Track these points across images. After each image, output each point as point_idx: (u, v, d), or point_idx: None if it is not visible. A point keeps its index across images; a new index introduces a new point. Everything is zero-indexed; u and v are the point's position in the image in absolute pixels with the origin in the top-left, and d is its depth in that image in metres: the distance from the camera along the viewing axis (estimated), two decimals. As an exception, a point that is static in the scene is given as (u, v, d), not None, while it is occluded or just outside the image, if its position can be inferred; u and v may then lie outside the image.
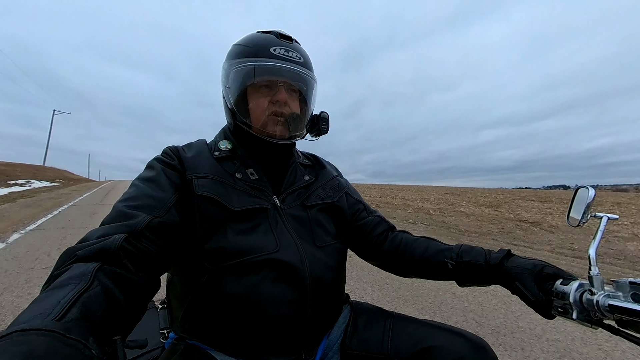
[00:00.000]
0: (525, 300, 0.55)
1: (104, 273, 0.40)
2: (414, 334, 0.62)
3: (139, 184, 0.59)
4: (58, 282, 0.36)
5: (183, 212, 0.57)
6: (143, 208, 0.53)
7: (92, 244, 0.44)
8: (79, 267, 0.39)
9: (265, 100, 0.64)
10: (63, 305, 0.31)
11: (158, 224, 0.52)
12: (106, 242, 0.44)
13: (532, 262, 0.57)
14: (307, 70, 0.68)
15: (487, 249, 0.65)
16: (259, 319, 0.55)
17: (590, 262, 0.49)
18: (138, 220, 0.50)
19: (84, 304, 0.33)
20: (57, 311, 0.30)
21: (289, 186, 0.69)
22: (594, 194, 0.55)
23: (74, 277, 0.37)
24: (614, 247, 4.65)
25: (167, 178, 0.60)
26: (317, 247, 0.64)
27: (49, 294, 0.34)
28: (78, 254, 0.42)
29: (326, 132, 0.75)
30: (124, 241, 0.45)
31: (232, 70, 0.65)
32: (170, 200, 0.56)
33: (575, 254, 4.22)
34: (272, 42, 0.65)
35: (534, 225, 6.33)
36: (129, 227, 0.49)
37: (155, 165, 0.62)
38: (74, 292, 0.34)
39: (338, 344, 0.66)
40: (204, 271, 0.56)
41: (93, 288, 0.36)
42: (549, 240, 5.14)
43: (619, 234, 5.44)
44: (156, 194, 0.56)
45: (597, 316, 0.46)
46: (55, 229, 4.64)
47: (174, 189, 0.58)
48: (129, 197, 0.55)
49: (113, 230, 0.48)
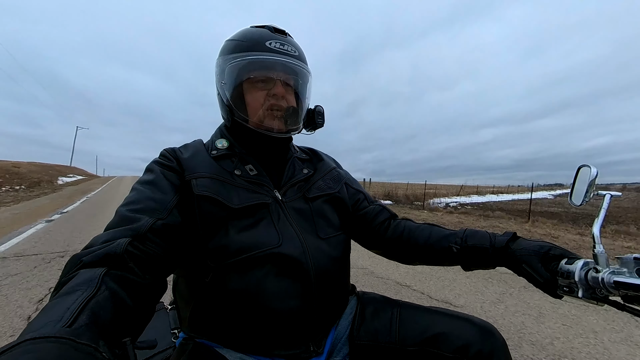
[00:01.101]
0: (533, 282, 0.55)
1: (110, 278, 0.40)
2: (421, 321, 0.63)
3: (140, 188, 0.59)
4: (66, 290, 0.36)
5: (184, 213, 0.57)
6: (145, 211, 0.53)
7: (97, 249, 0.44)
8: (86, 273, 0.40)
9: (262, 94, 0.64)
10: (72, 311, 0.32)
11: (161, 226, 0.52)
12: (111, 247, 0.44)
13: (538, 244, 0.57)
14: (303, 64, 0.68)
15: (491, 232, 0.65)
16: (265, 314, 0.56)
17: (594, 240, 0.49)
18: (141, 223, 0.51)
19: (92, 309, 0.33)
20: (67, 318, 0.31)
21: (289, 180, 0.69)
22: (596, 172, 0.55)
23: (81, 284, 0.37)
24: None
25: (167, 180, 0.60)
26: (320, 239, 0.65)
27: (57, 301, 0.34)
28: (84, 260, 0.42)
29: (322, 125, 0.75)
30: (128, 245, 0.46)
31: (228, 65, 0.65)
32: (172, 202, 0.57)
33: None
34: (266, 37, 0.64)
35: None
36: (133, 230, 0.49)
37: (154, 168, 0.62)
38: (82, 298, 0.34)
39: (346, 335, 0.66)
40: (208, 270, 0.57)
41: (101, 293, 0.36)
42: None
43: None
44: (157, 196, 0.56)
45: (603, 293, 0.46)
46: (104, 193, 12.35)
47: (174, 191, 0.59)
48: (131, 201, 0.55)
49: (117, 234, 0.48)
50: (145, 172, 0.63)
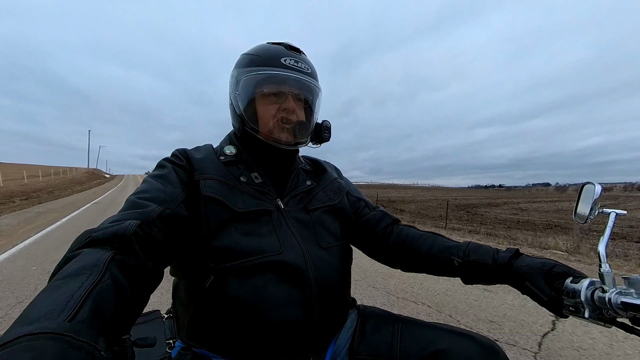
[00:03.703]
0: (537, 300, 0.54)
1: (115, 264, 0.40)
2: (423, 337, 0.62)
3: (151, 180, 0.60)
4: (70, 270, 0.37)
5: (191, 209, 0.58)
6: (155, 200, 0.55)
7: (107, 227, 0.45)
8: (92, 253, 0.40)
9: (274, 107, 0.66)
10: (77, 300, 0.32)
11: (169, 215, 0.54)
12: (121, 227, 0.45)
13: (541, 261, 0.56)
14: (314, 81, 0.70)
15: (494, 247, 0.65)
16: (265, 322, 0.55)
17: (600, 259, 0.49)
18: (151, 209, 0.52)
19: (95, 299, 0.33)
20: (71, 307, 0.31)
21: (292, 190, 0.70)
22: (600, 190, 0.55)
23: (87, 267, 0.37)
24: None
25: (177, 176, 0.62)
26: (321, 248, 0.64)
27: (61, 283, 0.34)
28: (92, 235, 0.43)
29: (328, 140, 0.77)
30: (137, 227, 0.47)
31: (243, 78, 0.67)
32: (180, 196, 0.58)
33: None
34: (282, 53, 0.67)
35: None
36: (142, 214, 0.51)
37: (166, 165, 0.64)
38: (86, 284, 0.34)
39: (346, 348, 0.65)
40: (208, 272, 0.57)
41: (104, 281, 0.36)
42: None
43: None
44: (167, 189, 0.58)
45: (610, 314, 0.45)
46: (126, 180, 35.36)
47: (183, 187, 0.60)
48: (141, 191, 0.57)
49: (127, 216, 0.49)
50: (156, 168, 0.65)
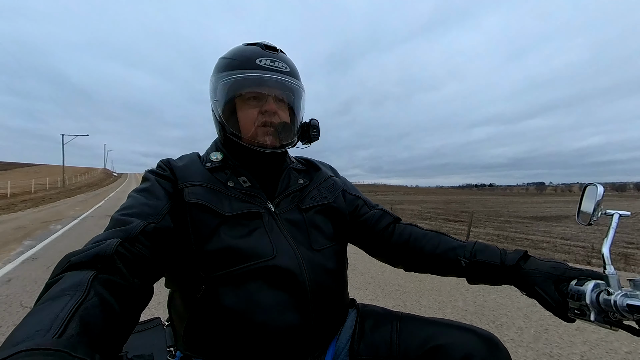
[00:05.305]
0: (545, 305, 0.53)
1: (99, 282, 0.39)
2: (422, 333, 0.61)
3: (135, 195, 0.60)
4: (53, 293, 0.35)
5: (177, 220, 0.58)
6: (139, 215, 0.54)
7: (87, 249, 0.44)
8: (74, 276, 0.39)
9: (254, 111, 0.65)
10: (62, 319, 0.31)
11: (153, 229, 0.53)
12: (101, 247, 0.44)
13: (551, 265, 0.55)
14: (294, 79, 0.67)
15: (501, 248, 0.63)
16: (261, 330, 0.55)
17: (604, 261, 0.48)
18: (133, 225, 0.51)
19: (82, 317, 0.32)
20: (57, 326, 0.30)
21: (283, 190, 0.69)
22: (602, 191, 0.54)
23: (69, 288, 0.36)
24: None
25: (161, 187, 0.61)
26: (314, 251, 0.64)
27: (44, 306, 0.33)
28: (72, 260, 0.42)
29: (317, 139, 0.75)
30: (119, 245, 0.45)
31: (220, 83, 0.66)
32: (165, 208, 0.57)
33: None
34: (257, 54, 0.65)
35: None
36: (125, 232, 0.50)
37: (150, 177, 0.64)
38: (70, 304, 0.33)
39: (346, 349, 0.65)
40: (199, 282, 0.56)
41: (90, 299, 0.35)
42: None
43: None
44: (151, 202, 0.57)
45: (616, 317, 0.44)
46: (131, 176, 53.28)
47: (168, 198, 0.60)
48: (125, 207, 0.57)
49: (109, 235, 0.48)
50: (141, 182, 0.65)
